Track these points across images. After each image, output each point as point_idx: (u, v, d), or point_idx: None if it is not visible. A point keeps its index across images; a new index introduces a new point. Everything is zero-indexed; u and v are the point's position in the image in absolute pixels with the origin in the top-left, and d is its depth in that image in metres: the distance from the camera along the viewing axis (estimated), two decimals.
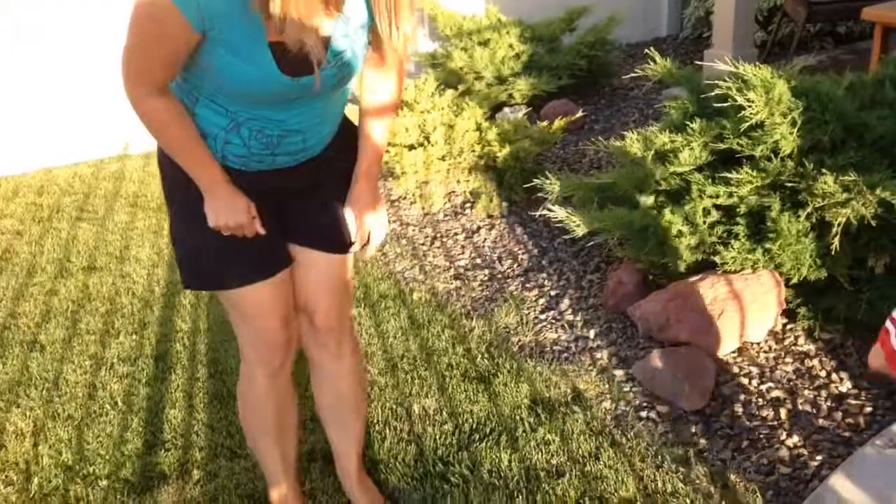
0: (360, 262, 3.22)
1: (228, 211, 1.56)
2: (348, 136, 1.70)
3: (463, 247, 3.37)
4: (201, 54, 1.40)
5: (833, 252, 2.28)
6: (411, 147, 3.65)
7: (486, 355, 2.61)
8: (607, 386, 2.41)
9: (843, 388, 2.28)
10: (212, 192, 1.56)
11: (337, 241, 1.74)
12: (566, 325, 2.74)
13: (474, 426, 2.28)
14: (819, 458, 2.06)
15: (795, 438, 2.13)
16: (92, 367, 2.71)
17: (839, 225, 2.23)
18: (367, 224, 1.72)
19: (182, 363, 2.69)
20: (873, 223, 2.22)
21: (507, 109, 4.38)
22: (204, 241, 1.62)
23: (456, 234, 3.49)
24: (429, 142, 3.65)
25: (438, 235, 3.48)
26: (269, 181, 1.61)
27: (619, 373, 2.46)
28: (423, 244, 3.42)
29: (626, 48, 5.65)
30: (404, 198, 3.82)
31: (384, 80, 1.66)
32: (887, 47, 3.64)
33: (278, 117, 1.52)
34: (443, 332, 2.74)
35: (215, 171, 1.55)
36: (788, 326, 2.55)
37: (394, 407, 2.39)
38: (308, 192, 1.69)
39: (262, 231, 1.61)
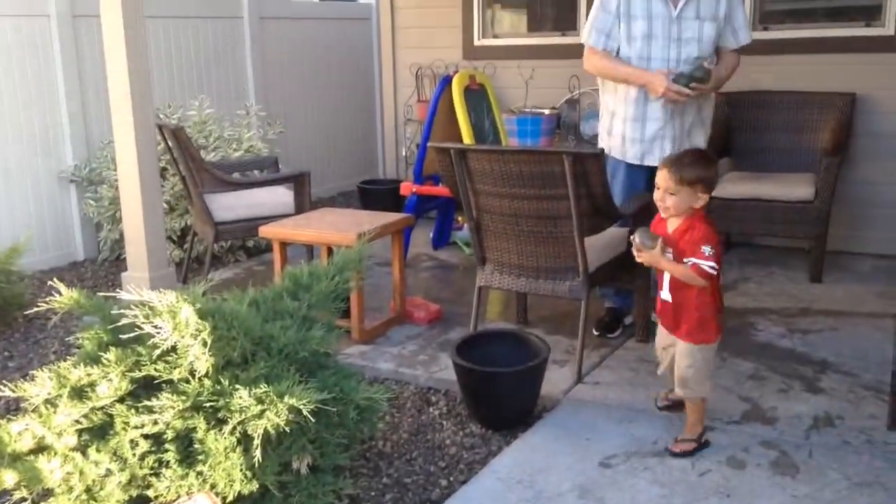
0: None
1: None
2: None
3: None
4: None
5: (258, 463, 2.35)
6: None
7: None
8: None
9: None
10: None
11: None
12: None
13: None
14: None
15: None
16: None
17: (259, 436, 2.31)
18: None
19: None
20: (288, 429, 2.36)
21: None
22: None
23: None
24: None
25: None
26: None
27: None
28: None
29: (40, 275, 5.32)
30: None
31: None
32: (286, 259, 4.08)
33: None
34: None
35: None
36: None
37: None
38: None
39: None
